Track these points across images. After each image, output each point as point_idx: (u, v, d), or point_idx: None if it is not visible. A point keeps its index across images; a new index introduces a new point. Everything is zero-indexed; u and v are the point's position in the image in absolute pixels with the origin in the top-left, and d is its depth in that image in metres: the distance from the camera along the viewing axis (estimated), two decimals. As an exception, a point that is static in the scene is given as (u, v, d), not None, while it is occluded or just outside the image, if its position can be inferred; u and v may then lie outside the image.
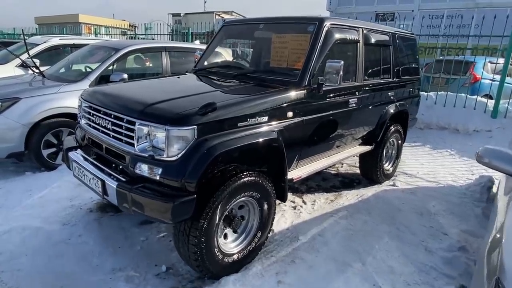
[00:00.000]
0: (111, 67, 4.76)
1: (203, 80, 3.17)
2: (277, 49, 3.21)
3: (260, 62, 3.66)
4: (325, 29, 2.96)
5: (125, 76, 4.55)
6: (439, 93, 6.92)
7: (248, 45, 7.43)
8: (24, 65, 6.04)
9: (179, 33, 13.61)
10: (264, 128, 2.45)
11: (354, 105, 3.42)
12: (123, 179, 2.19)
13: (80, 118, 2.78)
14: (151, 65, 5.58)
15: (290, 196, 3.84)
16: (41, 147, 4.18)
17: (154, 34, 12.00)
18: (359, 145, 3.94)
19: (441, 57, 7.94)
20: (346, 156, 3.60)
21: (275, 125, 2.55)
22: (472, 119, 6.40)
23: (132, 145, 2.16)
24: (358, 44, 3.40)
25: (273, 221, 2.70)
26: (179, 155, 2.03)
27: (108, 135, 2.37)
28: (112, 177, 2.24)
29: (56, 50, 7.18)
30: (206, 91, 2.53)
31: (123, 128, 2.22)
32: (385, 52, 3.94)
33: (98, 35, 16.68)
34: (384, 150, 4.20)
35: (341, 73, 2.73)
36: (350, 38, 3.25)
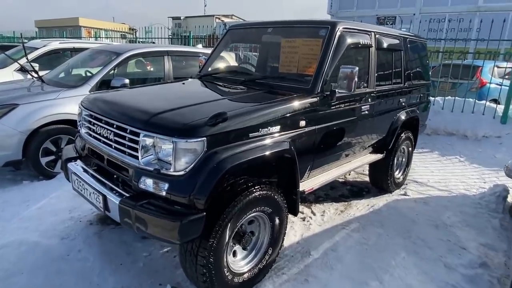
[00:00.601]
0: (112, 72, 4.62)
1: (209, 86, 3.03)
2: (287, 54, 3.07)
3: (269, 67, 3.52)
4: (338, 33, 2.82)
5: (127, 81, 4.41)
6: (446, 98, 6.78)
7: (250, 49, 7.35)
8: (23, 70, 5.91)
9: (179, 37, 13.50)
10: (276, 138, 2.30)
11: (366, 112, 3.28)
12: (126, 194, 2.04)
13: (80, 127, 2.63)
14: (153, 69, 5.45)
15: (298, 206, 3.69)
16: (39, 155, 4.02)
17: (154, 38, 11.89)
18: (370, 153, 3.80)
19: (448, 61, 7.82)
20: (358, 165, 3.45)
21: (287, 134, 2.40)
22: (481, 125, 6.26)
23: (136, 157, 2.01)
24: (371, 48, 3.27)
25: (284, 236, 2.55)
26: (187, 169, 1.88)
27: (110, 146, 2.22)
28: (114, 191, 2.09)
29: (56, 54, 7.05)
30: (214, 98, 2.39)
31: (126, 139, 2.07)
32: (396, 57, 3.80)
33: (99, 38, 16.58)
34: (395, 158, 4.05)
35: (356, 79, 2.59)
36: (363, 43, 3.11)
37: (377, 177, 4.11)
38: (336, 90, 2.68)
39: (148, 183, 1.96)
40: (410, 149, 4.39)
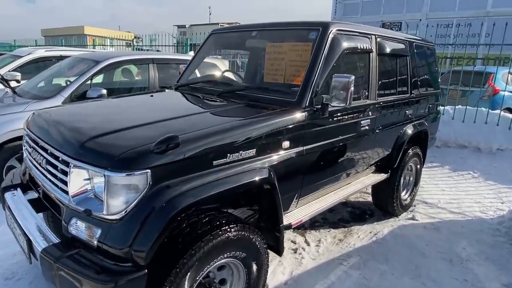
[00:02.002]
0: (89, 82, 4.23)
1: (181, 99, 2.60)
2: (272, 61, 2.64)
3: (254, 76, 3.09)
4: (331, 36, 2.39)
5: (104, 91, 4.03)
6: (457, 107, 6.28)
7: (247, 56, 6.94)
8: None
9: (183, 45, 13.17)
10: (251, 165, 1.86)
11: (366, 127, 2.82)
12: (56, 240, 1.60)
13: (24, 149, 2.22)
14: (137, 78, 5.06)
15: (290, 233, 3.22)
16: (3, 174, 3.62)
17: (159, 45, 11.57)
18: (373, 173, 3.33)
19: (458, 68, 7.33)
20: (358, 188, 2.98)
21: (266, 159, 1.95)
22: (495, 137, 5.74)
23: (68, 193, 1.58)
24: (371, 54, 2.82)
25: (265, 282, 2.09)
26: (125, 212, 1.44)
27: (45, 176, 1.79)
28: (42, 235, 1.65)
29: (43, 62, 6.72)
30: (178, 115, 1.95)
31: (58, 169, 1.64)
32: (401, 64, 3.34)
33: (97, 46, 16.37)
34: (402, 178, 3.57)
35: (352, 89, 2.15)
36: (361, 47, 2.66)
37: (381, 199, 3.63)
38: (329, 103, 2.24)
39: (80, 227, 1.53)
40: (418, 166, 3.91)
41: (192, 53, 6.66)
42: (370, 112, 2.85)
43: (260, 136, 1.91)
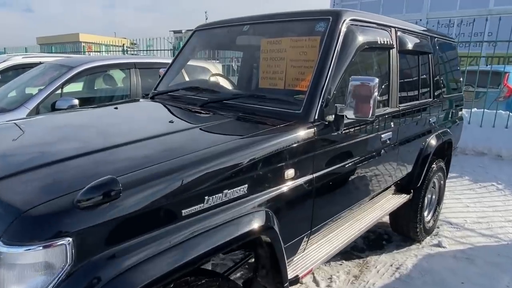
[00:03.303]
0: (60, 91, 3.69)
1: (152, 112, 2.05)
2: (269, 61, 2.09)
3: (247, 82, 2.55)
4: (344, 28, 1.84)
5: (75, 101, 3.49)
6: (473, 110, 5.74)
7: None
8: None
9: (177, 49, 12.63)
10: (242, 208, 1.30)
11: (387, 141, 2.27)
12: None
13: None
14: (117, 85, 4.51)
15: (295, 270, 2.65)
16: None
17: (155, 50, 11.04)
18: (393, 194, 2.77)
19: (473, 67, 6.80)
20: (378, 216, 2.42)
21: (263, 197, 1.40)
22: (518, 142, 5.21)
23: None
24: (391, 51, 2.28)
25: None
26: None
27: None
28: None
29: (23, 69, 6.18)
30: (136, 138, 1.37)
31: None
32: (423, 63, 2.80)
33: (93, 53, 15.90)
34: (425, 198, 3.02)
35: (376, 96, 1.60)
36: (381, 42, 2.12)
37: (401, 223, 3.06)
38: (345, 115, 1.69)
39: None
40: (442, 182, 3.36)
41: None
42: (391, 123, 2.30)
43: (253, 166, 1.36)
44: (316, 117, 1.67)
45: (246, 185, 1.32)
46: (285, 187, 1.49)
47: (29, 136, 1.62)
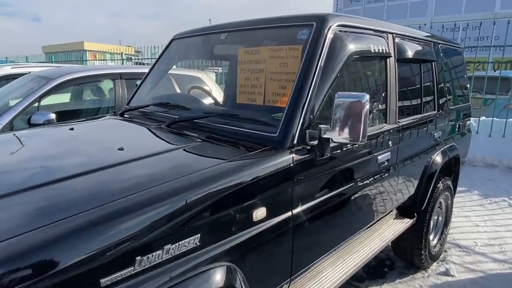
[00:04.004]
0: (37, 104, 3.46)
1: (108, 134, 1.79)
2: (247, 73, 1.83)
3: (228, 95, 2.29)
4: (331, 33, 1.58)
5: (52, 116, 3.26)
6: (481, 118, 5.42)
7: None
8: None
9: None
10: (193, 267, 1.03)
11: (385, 163, 1.99)
12: None
13: None
14: (102, 97, 4.29)
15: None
16: None
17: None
18: (394, 219, 2.48)
19: (481, 73, 6.50)
20: (377, 248, 2.12)
21: (222, 249, 1.12)
22: (530, 153, 4.88)
23: None
24: (388, 60, 2.00)
25: None
26: None
27: None
28: None
29: (13, 79, 6.00)
30: (57, 178, 1.09)
31: None
32: (426, 72, 2.52)
33: (85, 61, 15.86)
34: (431, 221, 2.71)
35: (367, 115, 1.34)
36: (375, 50, 1.84)
37: (404, 249, 2.76)
38: (330, 138, 1.41)
39: None
40: (449, 202, 3.05)
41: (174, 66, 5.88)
42: (390, 142, 2.01)
43: (209, 209, 1.08)
44: (295, 141, 1.40)
45: (199, 235, 1.05)
46: (253, 232, 1.21)
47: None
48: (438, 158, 2.64)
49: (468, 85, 3.46)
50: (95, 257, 0.82)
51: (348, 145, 1.61)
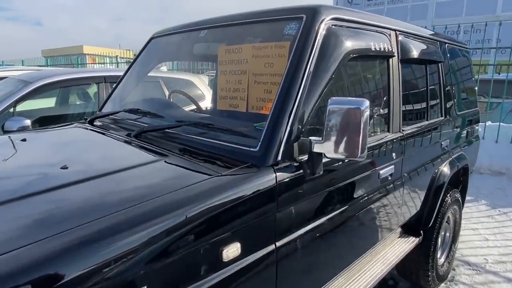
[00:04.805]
0: (12, 109, 3.23)
1: (61, 147, 1.53)
2: (228, 75, 1.58)
3: (211, 101, 2.04)
4: (323, 29, 1.33)
5: (27, 122, 3.02)
6: (487, 123, 5.17)
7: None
8: None
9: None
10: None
11: (389, 178, 1.74)
12: None
13: None
14: (85, 101, 4.05)
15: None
16: None
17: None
18: (398, 238, 2.22)
19: (487, 76, 6.26)
20: (379, 274, 1.86)
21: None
22: (540, 160, 4.62)
23: None
24: (391, 60, 1.76)
25: None
26: None
27: None
28: None
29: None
30: None
31: None
32: (433, 75, 2.28)
33: (81, 65, 15.71)
34: (438, 239, 2.46)
35: (367, 125, 1.09)
36: (376, 49, 1.60)
37: (410, 269, 2.50)
38: (322, 153, 1.16)
39: None
40: (457, 216, 2.79)
41: (164, 68, 5.63)
42: (393, 153, 1.76)
43: (158, 251, 0.83)
44: (279, 157, 1.15)
45: (145, 287, 0.80)
46: (224, 275, 0.96)
47: None
48: (445, 169, 2.39)
49: (476, 89, 3.21)
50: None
51: (342, 161, 1.35)
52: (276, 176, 1.12)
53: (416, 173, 2.06)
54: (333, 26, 1.38)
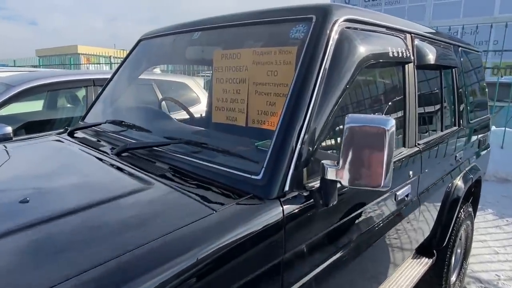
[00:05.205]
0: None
1: (26, 167, 1.31)
2: (225, 83, 1.39)
3: (206, 110, 1.84)
4: (336, 32, 1.14)
5: (8, 129, 2.80)
6: (492, 129, 5.01)
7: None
8: None
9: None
10: None
11: (405, 199, 1.55)
12: None
13: None
14: (73, 105, 3.83)
15: None
16: None
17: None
18: (411, 260, 2.03)
19: (494, 79, 6.12)
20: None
21: None
22: (547, 167, 4.47)
23: None
24: (407, 67, 1.57)
25: None
26: None
27: None
28: None
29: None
30: None
31: None
32: (448, 81, 2.10)
33: (92, 65, 15.49)
34: (452, 258, 2.28)
35: (392, 148, 0.90)
36: (394, 55, 1.41)
37: (420, 291, 2.31)
38: (339, 180, 0.97)
39: None
40: (469, 230, 2.62)
41: (157, 70, 5.40)
42: (410, 171, 1.57)
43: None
44: (287, 187, 0.96)
45: None
46: None
47: None
48: (460, 183, 2.21)
49: (487, 95, 3.04)
50: None
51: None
52: (283, 211, 0.92)
53: (432, 190, 1.88)
54: (346, 29, 1.19)
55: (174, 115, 2.52)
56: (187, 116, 2.12)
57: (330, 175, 0.97)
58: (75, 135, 1.72)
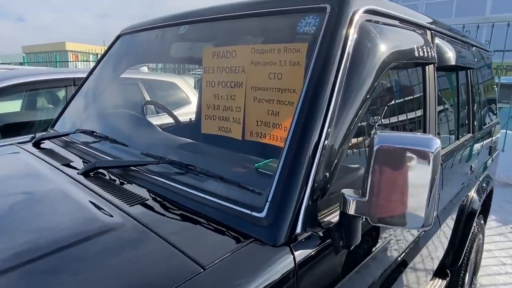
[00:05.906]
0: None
1: None
2: (217, 87, 1.15)
3: (195, 117, 1.60)
4: (355, 27, 0.91)
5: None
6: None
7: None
8: None
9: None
10: None
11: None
12: None
13: None
14: (55, 106, 3.55)
15: None
16: None
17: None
18: (429, 279, 1.83)
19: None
20: None
21: None
22: (549, 171, 4.34)
23: None
24: (428, 68, 1.35)
25: None
26: None
27: None
28: None
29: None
30: None
31: None
32: (465, 85, 1.90)
33: (81, 62, 15.08)
34: (466, 275, 2.08)
35: (437, 177, 0.68)
36: (418, 54, 1.19)
37: (430, 314, 2.12)
38: (362, 216, 0.74)
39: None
40: (480, 244, 2.44)
41: (145, 69, 5.11)
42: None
43: None
44: (298, 229, 0.73)
45: None
46: None
47: None
48: (475, 195, 2.02)
49: (496, 98, 2.86)
50: None
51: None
52: (294, 259, 0.70)
53: (450, 206, 1.68)
54: (367, 22, 0.97)
55: (161, 117, 2.27)
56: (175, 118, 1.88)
57: (354, 209, 0.75)
58: (42, 145, 1.47)
